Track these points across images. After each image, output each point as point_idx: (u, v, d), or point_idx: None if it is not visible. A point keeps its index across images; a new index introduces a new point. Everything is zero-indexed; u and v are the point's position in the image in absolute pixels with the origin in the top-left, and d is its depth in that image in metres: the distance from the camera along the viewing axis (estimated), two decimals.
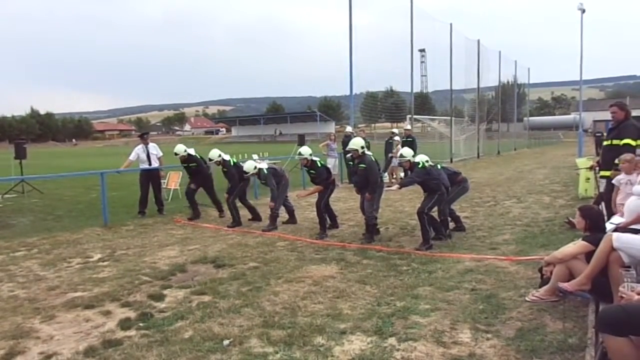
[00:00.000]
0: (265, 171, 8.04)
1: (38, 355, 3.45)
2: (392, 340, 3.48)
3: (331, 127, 68.56)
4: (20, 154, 13.68)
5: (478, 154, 26.55)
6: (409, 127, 16.74)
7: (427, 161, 6.66)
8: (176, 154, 8.98)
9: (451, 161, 22.51)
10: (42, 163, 28.28)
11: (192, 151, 9.14)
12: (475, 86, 27.81)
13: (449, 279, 4.86)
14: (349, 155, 7.27)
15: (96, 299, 4.57)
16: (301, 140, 18.52)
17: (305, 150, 7.59)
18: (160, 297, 4.59)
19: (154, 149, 9.77)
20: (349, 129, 15.48)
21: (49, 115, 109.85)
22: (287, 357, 3.28)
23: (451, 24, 23.69)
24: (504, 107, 36.28)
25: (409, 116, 21.74)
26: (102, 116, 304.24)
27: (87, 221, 8.95)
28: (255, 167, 8.03)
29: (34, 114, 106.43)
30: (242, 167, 8.51)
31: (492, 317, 3.83)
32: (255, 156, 14.91)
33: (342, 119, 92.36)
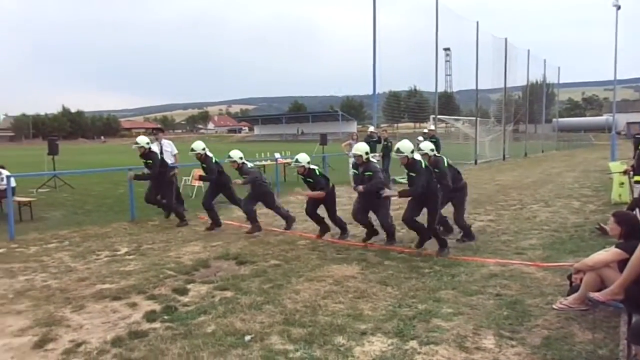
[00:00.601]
0: (250, 166, 7.66)
1: (69, 343, 3.56)
2: (413, 343, 3.45)
3: (353, 127, 68.38)
4: (52, 150, 14.14)
5: (504, 155, 26.05)
6: (432, 127, 16.55)
7: (432, 151, 6.20)
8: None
9: (475, 163, 22.17)
10: (73, 159, 29.09)
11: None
12: (502, 86, 27.27)
13: (472, 283, 4.79)
14: (352, 161, 6.79)
15: (123, 291, 4.69)
16: (323, 140, 18.55)
17: (303, 158, 6.97)
18: (184, 291, 4.67)
19: (168, 146, 9.64)
20: (371, 128, 15.43)
21: (79, 113, 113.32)
22: (307, 356, 3.29)
23: (477, 22, 23.31)
24: (531, 108, 35.39)
25: (432, 116, 21.48)
26: (129, 114, 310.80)
27: (115, 216, 9.18)
28: (241, 158, 7.54)
29: (65, 112, 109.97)
30: (222, 166, 7.92)
31: (517, 324, 3.75)
32: (277, 154, 15.04)
33: (364, 118, 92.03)
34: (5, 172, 8.66)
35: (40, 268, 5.63)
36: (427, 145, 6.25)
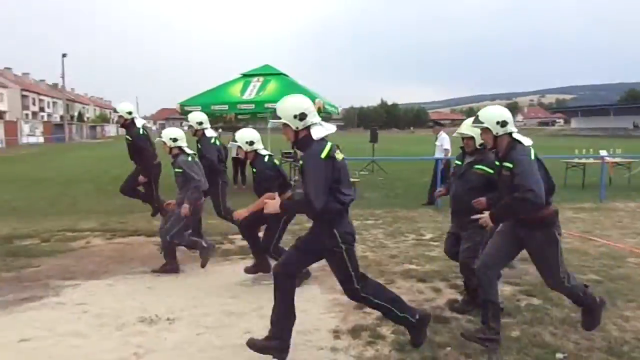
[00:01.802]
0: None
1: None
2: None
3: None
4: (373, 138, 16.38)
5: None
6: None
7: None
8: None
9: None
10: (387, 147, 32.84)
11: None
12: None
13: None
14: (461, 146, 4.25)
15: (427, 275, 5.00)
16: None
17: (242, 135, 4.45)
18: None
19: (440, 140, 9.69)
20: None
21: (394, 105, 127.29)
22: None
23: None
24: None
25: None
26: (437, 106, 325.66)
27: (421, 201, 9.85)
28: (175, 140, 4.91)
29: (383, 104, 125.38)
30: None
31: None
32: (603, 152, 12.71)
33: None
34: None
35: (360, 240, 6.59)
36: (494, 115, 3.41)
